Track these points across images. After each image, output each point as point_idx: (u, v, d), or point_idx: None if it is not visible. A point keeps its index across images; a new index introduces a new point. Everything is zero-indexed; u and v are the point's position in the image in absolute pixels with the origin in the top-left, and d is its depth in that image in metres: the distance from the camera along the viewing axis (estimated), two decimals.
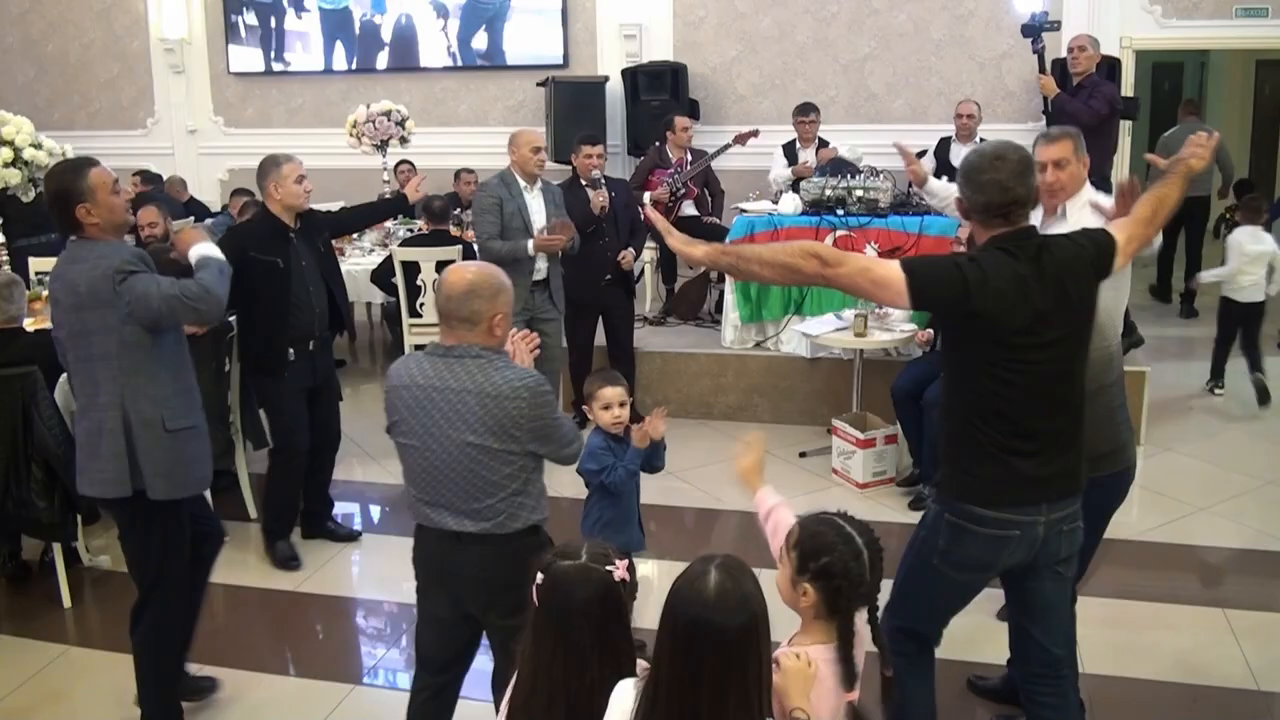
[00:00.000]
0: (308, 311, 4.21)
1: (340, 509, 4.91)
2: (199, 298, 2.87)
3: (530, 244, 5.03)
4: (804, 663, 1.84)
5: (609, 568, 1.81)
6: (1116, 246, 2.46)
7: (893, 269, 2.34)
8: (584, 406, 3.46)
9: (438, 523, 2.51)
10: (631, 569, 1.86)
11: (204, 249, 3.04)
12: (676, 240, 2.55)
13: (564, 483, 3.77)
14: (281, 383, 4.20)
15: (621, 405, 3.30)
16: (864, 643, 2.00)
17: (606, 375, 3.41)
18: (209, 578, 3.34)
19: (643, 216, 5.86)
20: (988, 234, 2.40)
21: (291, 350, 4.18)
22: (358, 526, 4.79)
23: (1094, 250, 2.44)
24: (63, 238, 2.95)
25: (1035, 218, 2.66)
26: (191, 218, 7.54)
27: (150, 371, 2.88)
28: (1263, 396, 5.86)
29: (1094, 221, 3.12)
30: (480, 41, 8.79)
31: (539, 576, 1.82)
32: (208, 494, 3.97)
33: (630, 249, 5.66)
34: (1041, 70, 6.21)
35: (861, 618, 1.98)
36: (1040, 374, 2.36)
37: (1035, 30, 6.18)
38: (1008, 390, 2.35)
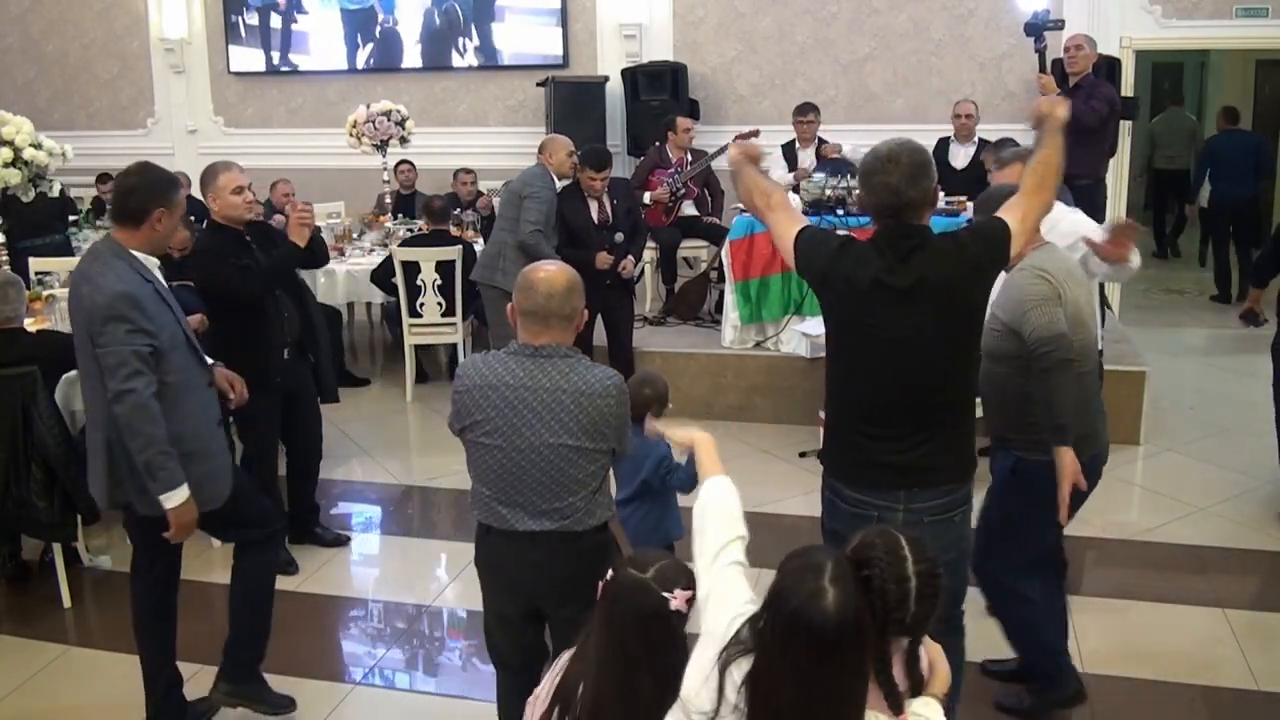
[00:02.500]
0: (277, 318, 4.11)
1: (341, 509, 4.92)
2: (122, 402, 2.74)
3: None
4: None
5: (667, 594, 1.80)
6: (1011, 233, 2.47)
7: (791, 233, 2.54)
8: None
9: (512, 523, 2.50)
10: (693, 600, 1.84)
11: None
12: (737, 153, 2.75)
13: None
14: (268, 395, 4.03)
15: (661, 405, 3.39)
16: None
17: (650, 377, 3.49)
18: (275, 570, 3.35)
19: (643, 213, 5.87)
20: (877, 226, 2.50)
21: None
22: (358, 527, 4.80)
23: (983, 246, 2.46)
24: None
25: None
26: (191, 217, 7.54)
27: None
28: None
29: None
30: (480, 41, 8.78)
31: (609, 572, 1.84)
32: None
33: (630, 256, 5.67)
34: (1042, 70, 6.19)
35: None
36: (892, 365, 2.43)
37: (1038, 29, 6.14)
38: (857, 375, 2.50)
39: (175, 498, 2.81)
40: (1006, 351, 2.89)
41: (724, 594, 1.83)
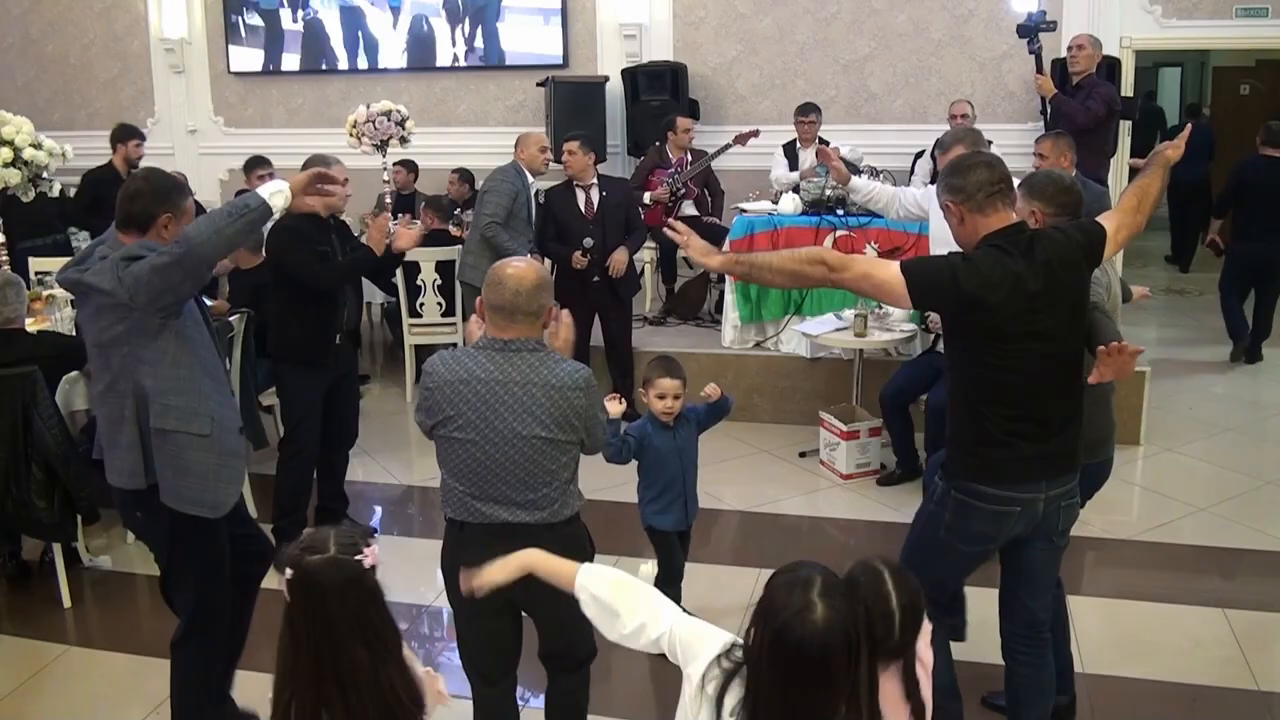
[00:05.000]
0: (341, 304, 4.36)
1: None
2: (172, 254, 2.64)
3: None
4: None
5: (358, 556, 1.82)
6: (1106, 235, 2.63)
7: (892, 273, 2.49)
8: (639, 390, 3.60)
9: (488, 517, 2.52)
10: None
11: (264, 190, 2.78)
12: (696, 250, 2.71)
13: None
14: (318, 373, 4.23)
15: (675, 398, 3.45)
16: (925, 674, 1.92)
17: (668, 365, 3.52)
18: (255, 600, 3.14)
19: (643, 213, 5.86)
20: (982, 232, 2.52)
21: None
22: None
23: (1085, 239, 2.60)
24: (112, 227, 2.82)
25: None
26: None
27: (152, 360, 2.74)
28: None
29: None
30: (480, 41, 8.78)
31: (288, 572, 1.80)
32: (251, 506, 3.97)
33: (623, 250, 5.69)
34: (1039, 70, 6.19)
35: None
36: (1039, 360, 2.49)
37: (1031, 30, 6.16)
38: (1009, 377, 2.50)
39: (274, 188, 2.74)
40: None
41: (694, 643, 1.81)
